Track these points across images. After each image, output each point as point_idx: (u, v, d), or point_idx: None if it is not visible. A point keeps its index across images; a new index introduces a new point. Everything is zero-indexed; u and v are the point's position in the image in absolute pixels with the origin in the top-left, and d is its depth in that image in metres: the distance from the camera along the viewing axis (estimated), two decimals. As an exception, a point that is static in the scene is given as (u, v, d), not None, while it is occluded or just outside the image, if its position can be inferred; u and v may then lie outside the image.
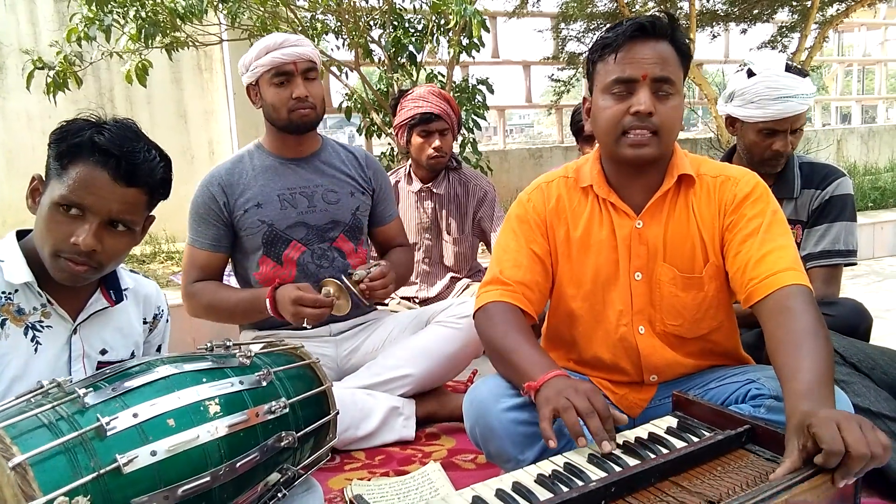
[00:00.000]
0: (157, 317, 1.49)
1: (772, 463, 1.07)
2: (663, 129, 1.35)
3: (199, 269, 2.00)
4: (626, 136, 1.36)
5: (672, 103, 1.35)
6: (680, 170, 1.42)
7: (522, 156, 6.00)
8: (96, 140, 1.19)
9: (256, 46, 1.97)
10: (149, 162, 1.24)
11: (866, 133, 8.21)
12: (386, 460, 1.84)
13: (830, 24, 5.66)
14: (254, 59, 1.96)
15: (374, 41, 4.09)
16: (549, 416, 1.15)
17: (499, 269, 1.47)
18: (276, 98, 1.95)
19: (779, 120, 1.92)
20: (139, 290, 1.45)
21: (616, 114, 1.36)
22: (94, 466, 0.93)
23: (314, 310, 1.77)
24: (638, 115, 1.33)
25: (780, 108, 1.91)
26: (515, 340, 1.35)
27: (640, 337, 1.45)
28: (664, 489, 1.02)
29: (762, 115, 1.93)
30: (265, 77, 1.96)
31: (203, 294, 1.98)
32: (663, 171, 1.43)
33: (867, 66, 10.28)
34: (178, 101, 4.99)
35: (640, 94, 1.33)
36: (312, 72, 1.98)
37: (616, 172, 1.46)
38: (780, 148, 1.94)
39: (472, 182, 2.74)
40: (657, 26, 1.34)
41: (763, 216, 1.37)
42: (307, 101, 1.95)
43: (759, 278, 1.30)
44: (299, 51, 1.94)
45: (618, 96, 1.36)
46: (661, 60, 1.34)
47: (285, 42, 1.94)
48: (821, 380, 1.11)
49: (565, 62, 6.02)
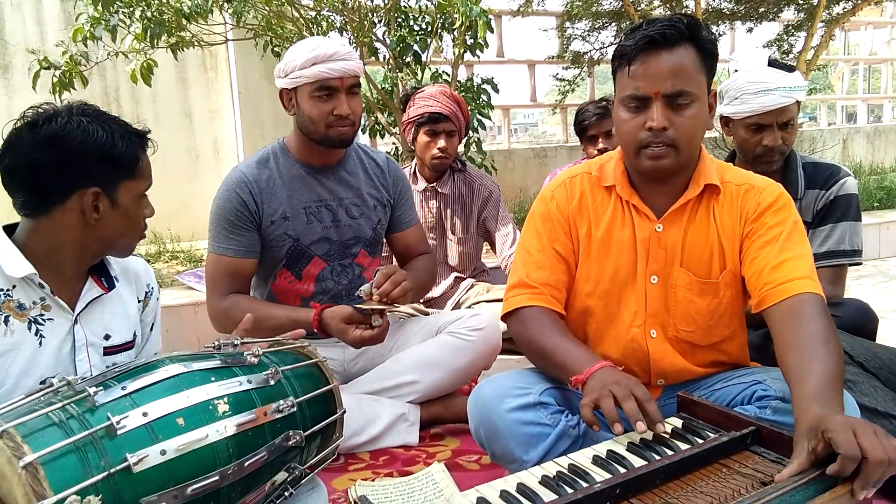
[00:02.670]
0: (147, 294, 1.49)
1: (777, 464, 1.07)
2: (681, 140, 1.35)
3: (229, 278, 1.92)
4: (645, 150, 1.36)
5: (690, 113, 1.34)
6: (706, 179, 1.42)
7: (527, 155, 6.00)
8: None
9: (301, 52, 1.85)
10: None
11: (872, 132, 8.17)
12: (390, 461, 1.84)
13: (837, 22, 5.63)
14: (298, 66, 1.85)
15: (378, 40, 4.09)
16: (590, 403, 1.19)
17: (525, 272, 1.48)
18: (316, 112, 1.87)
19: (763, 114, 1.92)
20: (128, 271, 1.45)
21: (633, 129, 1.37)
22: (104, 465, 0.94)
23: (377, 338, 1.79)
24: (652, 131, 1.33)
25: (761, 101, 1.91)
26: (555, 339, 1.38)
27: (651, 341, 1.45)
28: (669, 491, 1.02)
29: (746, 110, 1.94)
30: (306, 88, 1.86)
31: (237, 312, 1.83)
32: (688, 178, 1.43)
33: (873, 65, 10.25)
34: (183, 101, 4.99)
35: (653, 110, 1.33)
36: (356, 87, 1.91)
37: (640, 177, 1.45)
38: (770, 143, 1.93)
39: (477, 182, 2.74)
40: (668, 36, 1.31)
41: (784, 225, 1.37)
42: (348, 119, 1.89)
43: (774, 284, 1.30)
44: (347, 66, 1.85)
45: (633, 110, 1.36)
46: (673, 74, 1.31)
47: (335, 55, 1.84)
48: (831, 384, 1.12)
49: (570, 61, 6.00)
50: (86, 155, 1.23)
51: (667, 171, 1.38)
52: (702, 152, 1.45)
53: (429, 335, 2.05)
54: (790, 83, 1.92)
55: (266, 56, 4.17)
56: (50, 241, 1.27)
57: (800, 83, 1.95)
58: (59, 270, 1.29)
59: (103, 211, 1.27)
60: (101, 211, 1.27)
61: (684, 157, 1.37)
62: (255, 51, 4.21)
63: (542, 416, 1.34)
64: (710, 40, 1.36)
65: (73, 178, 1.24)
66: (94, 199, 1.25)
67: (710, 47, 1.36)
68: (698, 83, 1.34)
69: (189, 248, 4.27)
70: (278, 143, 2.02)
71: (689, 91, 1.33)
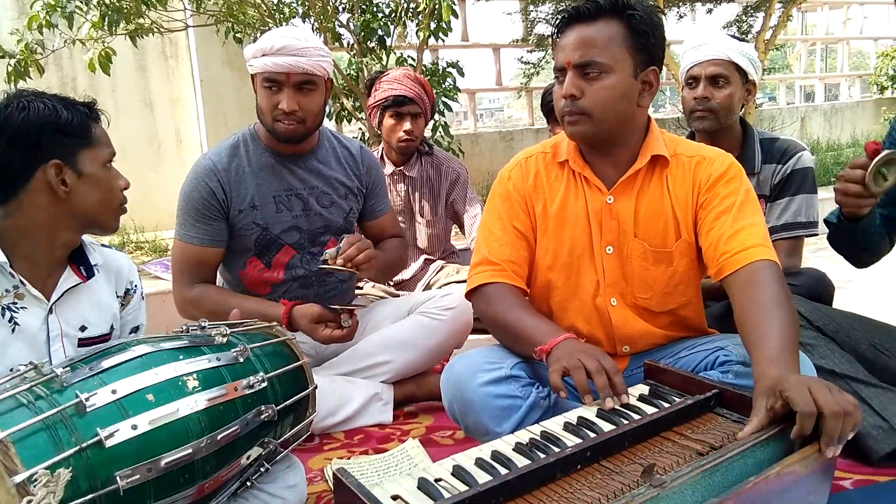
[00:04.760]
0: (129, 292, 1.47)
1: (738, 424, 1.11)
2: (593, 109, 1.39)
3: (195, 266, 1.91)
4: (564, 118, 1.44)
5: (602, 83, 1.38)
6: (654, 150, 1.46)
7: (493, 139, 6.03)
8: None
9: (259, 42, 1.84)
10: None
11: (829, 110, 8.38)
12: (365, 439, 1.86)
13: (794, 3, 5.76)
14: (251, 56, 1.84)
15: (342, 25, 4.06)
16: (559, 370, 1.22)
17: (487, 250, 1.51)
18: (264, 103, 1.86)
19: (695, 66, 2.03)
20: (110, 265, 1.44)
21: (557, 98, 1.44)
22: (75, 441, 0.95)
23: (347, 339, 1.85)
24: (565, 99, 1.41)
25: (695, 54, 2.03)
26: (518, 313, 1.41)
27: (612, 308, 1.49)
28: (637, 452, 1.06)
29: (684, 66, 2.07)
30: (258, 77, 1.85)
31: (206, 303, 1.88)
32: (636, 150, 1.47)
33: (830, 45, 10.47)
34: (143, 89, 4.91)
35: (566, 80, 1.40)
36: (309, 84, 1.84)
37: (587, 149, 1.50)
38: (700, 94, 2.00)
39: (444, 165, 2.75)
40: (583, 10, 1.38)
41: (736, 195, 1.41)
42: (294, 116, 1.83)
43: (731, 253, 1.35)
44: (294, 61, 1.79)
45: (560, 81, 1.43)
46: (582, 45, 1.38)
47: (284, 49, 1.79)
48: (787, 346, 1.16)
49: (534, 44, 6.04)
50: (34, 129, 1.22)
51: (585, 139, 1.44)
52: (650, 126, 1.49)
53: (401, 316, 2.07)
54: (727, 42, 2.01)
55: (228, 43, 4.11)
56: (23, 224, 1.26)
57: (739, 47, 2.01)
58: (34, 257, 1.28)
59: (71, 183, 1.26)
60: (70, 184, 1.26)
61: (602, 127, 1.41)
62: (217, 38, 4.15)
63: (513, 389, 1.36)
64: (639, 16, 1.38)
65: (28, 156, 1.23)
66: (58, 172, 1.25)
67: (640, 24, 1.38)
68: (615, 56, 1.38)
69: (154, 239, 4.22)
70: (249, 129, 1.99)
71: (599, 62, 1.37)
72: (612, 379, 1.21)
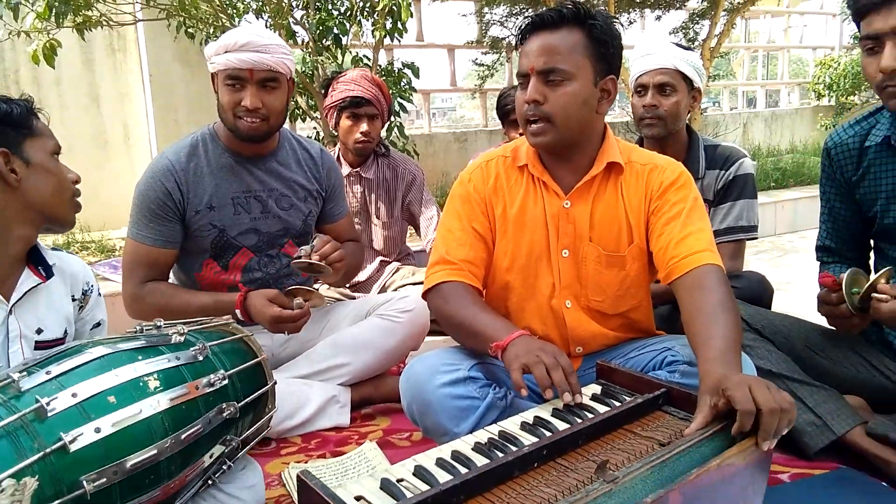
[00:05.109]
0: (86, 293, 1.47)
1: (685, 422, 1.17)
2: (556, 115, 1.44)
3: (147, 266, 1.88)
4: (527, 124, 1.48)
5: (564, 90, 1.43)
6: (609, 157, 1.51)
7: (448, 139, 6.06)
8: None
9: (221, 39, 1.82)
10: None
11: (770, 116, 8.69)
12: (322, 443, 1.87)
13: (738, 11, 5.96)
14: (213, 52, 1.82)
15: (297, 22, 4.03)
16: (519, 368, 1.25)
17: (445, 250, 1.54)
18: (226, 100, 1.83)
19: (643, 74, 2.11)
20: (65, 268, 1.43)
21: (519, 104, 1.49)
22: (38, 447, 0.94)
23: (295, 323, 1.79)
24: (528, 104, 1.45)
25: (643, 62, 2.12)
26: (473, 310, 1.44)
27: (567, 310, 1.54)
28: (591, 449, 1.10)
29: (634, 74, 2.15)
30: (221, 75, 1.83)
31: (155, 298, 1.87)
32: (593, 156, 1.52)
33: (771, 52, 10.84)
34: (89, 83, 4.78)
35: (529, 85, 1.44)
36: (272, 81, 1.84)
37: (546, 154, 1.54)
38: (648, 102, 2.09)
39: (401, 166, 2.77)
40: (546, 18, 1.43)
41: (685, 202, 1.48)
42: (257, 113, 1.83)
43: (679, 257, 1.41)
44: (258, 58, 1.79)
45: (522, 87, 1.48)
46: (546, 52, 1.42)
47: (247, 45, 1.78)
48: (730, 347, 1.23)
49: (489, 46, 6.10)
50: None
51: (547, 145, 1.48)
52: (606, 133, 1.55)
53: (358, 318, 2.08)
54: (673, 51, 2.10)
55: (180, 38, 4.04)
56: None
57: (685, 56, 2.10)
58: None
59: (21, 173, 1.27)
60: (19, 173, 1.26)
61: (564, 133, 1.46)
62: (168, 32, 4.08)
63: (471, 390, 1.40)
64: (599, 26, 1.44)
65: None
66: (7, 161, 1.25)
67: (600, 34, 1.44)
68: (577, 63, 1.43)
69: (101, 239, 4.12)
70: (208, 129, 1.97)
71: (562, 69, 1.42)
72: (568, 379, 1.25)
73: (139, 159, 4.96)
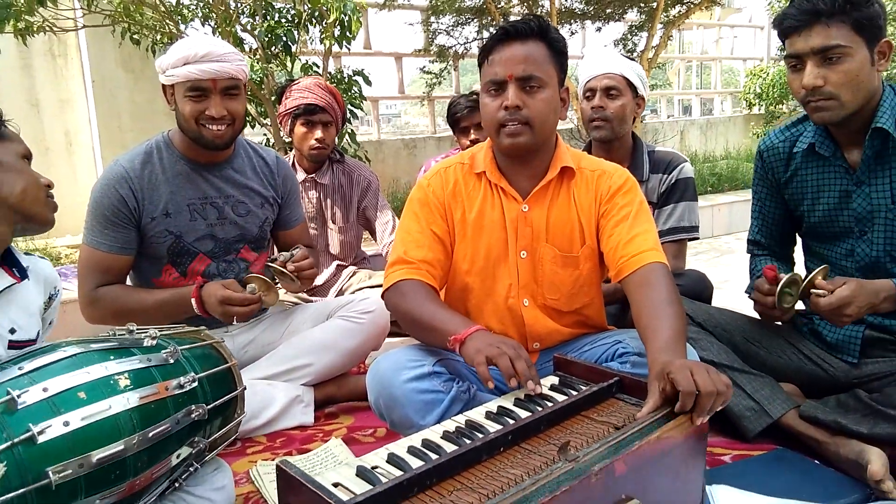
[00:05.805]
0: (52, 296, 1.48)
1: (637, 407, 1.26)
2: (534, 119, 1.52)
3: (102, 273, 1.88)
4: (504, 128, 1.53)
5: (541, 96, 1.52)
6: (563, 162, 1.60)
7: (397, 146, 6.12)
8: None
9: (175, 51, 1.82)
10: None
11: (705, 124, 9.05)
12: (287, 441, 1.90)
13: (674, 24, 6.22)
14: (170, 65, 1.82)
15: (244, 30, 4.03)
16: (483, 361, 1.30)
17: (403, 250, 1.59)
18: (188, 110, 1.84)
19: (592, 79, 2.26)
20: (38, 271, 1.43)
21: (493, 110, 1.54)
22: (6, 437, 0.96)
23: (243, 308, 1.80)
24: (508, 109, 1.51)
25: (591, 69, 2.28)
26: (431, 307, 1.49)
27: (525, 309, 1.62)
28: (552, 435, 1.18)
29: (583, 80, 2.30)
30: (180, 87, 1.84)
31: (110, 299, 1.88)
32: (548, 162, 1.61)
33: (705, 63, 11.29)
34: (28, 89, 4.65)
35: (508, 91, 1.51)
36: (234, 89, 1.87)
37: (505, 160, 1.62)
38: (596, 104, 2.23)
39: (355, 172, 2.82)
40: (520, 29, 1.51)
41: (632, 205, 1.58)
42: (223, 120, 1.86)
43: (627, 256, 1.51)
44: (220, 67, 1.81)
45: (493, 94, 1.54)
46: (524, 60, 1.50)
47: (207, 56, 1.80)
48: (676, 337, 1.33)
49: (436, 55, 6.19)
50: None
51: (524, 148, 1.55)
52: (558, 140, 1.64)
53: (320, 320, 2.12)
54: (619, 59, 2.26)
55: (125, 44, 3.98)
56: None
57: (630, 65, 2.26)
58: None
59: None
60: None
61: (539, 137, 1.55)
62: (112, 38, 4.01)
63: (436, 384, 1.46)
64: (558, 40, 1.55)
65: None
66: None
67: (559, 45, 1.55)
68: (547, 73, 1.53)
69: (45, 246, 4.01)
70: (162, 136, 1.98)
71: (538, 77, 1.51)
72: (529, 370, 1.32)
73: (82, 166, 4.85)
